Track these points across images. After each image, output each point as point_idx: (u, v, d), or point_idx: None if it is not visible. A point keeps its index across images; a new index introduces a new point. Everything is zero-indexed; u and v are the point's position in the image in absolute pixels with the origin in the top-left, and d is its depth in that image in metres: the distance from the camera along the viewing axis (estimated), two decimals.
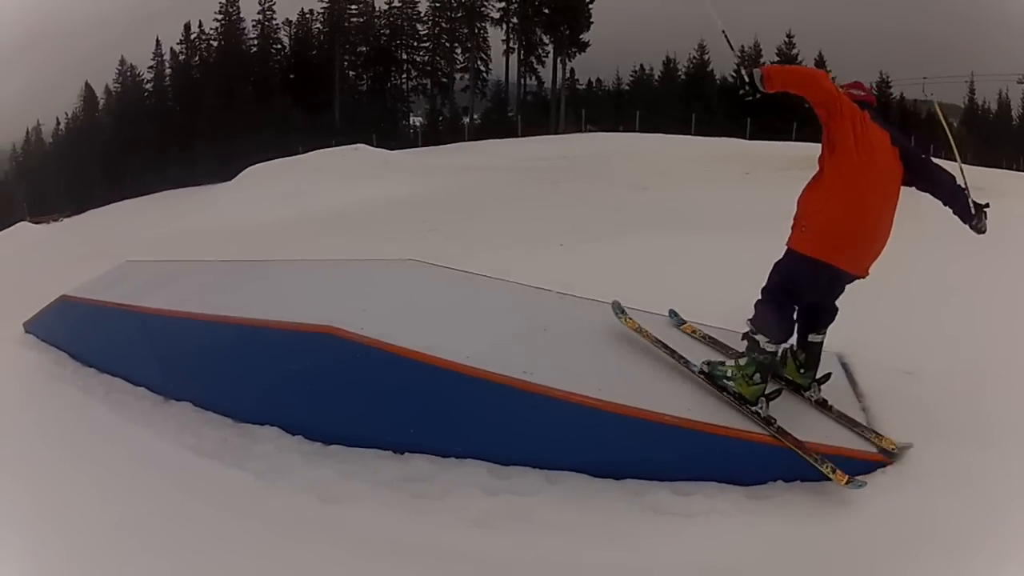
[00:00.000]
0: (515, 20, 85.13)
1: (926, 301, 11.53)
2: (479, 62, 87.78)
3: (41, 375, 12.87)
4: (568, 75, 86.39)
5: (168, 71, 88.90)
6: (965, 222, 7.10)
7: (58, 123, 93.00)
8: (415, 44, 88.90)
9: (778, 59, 77.60)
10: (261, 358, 8.86)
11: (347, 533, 6.80)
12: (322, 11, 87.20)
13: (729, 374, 7.26)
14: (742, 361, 7.19)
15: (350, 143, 48.76)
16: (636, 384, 7.31)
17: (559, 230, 18.79)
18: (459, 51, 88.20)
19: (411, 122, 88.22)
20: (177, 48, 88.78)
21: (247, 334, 8.81)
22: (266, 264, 11.86)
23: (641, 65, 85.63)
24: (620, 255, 13.65)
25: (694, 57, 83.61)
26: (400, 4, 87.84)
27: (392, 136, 68.15)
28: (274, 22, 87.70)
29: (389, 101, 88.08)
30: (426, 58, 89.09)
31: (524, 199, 28.05)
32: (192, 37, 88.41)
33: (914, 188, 7.22)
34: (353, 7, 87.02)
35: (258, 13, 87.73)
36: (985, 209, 7.02)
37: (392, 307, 8.72)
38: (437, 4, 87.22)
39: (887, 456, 6.57)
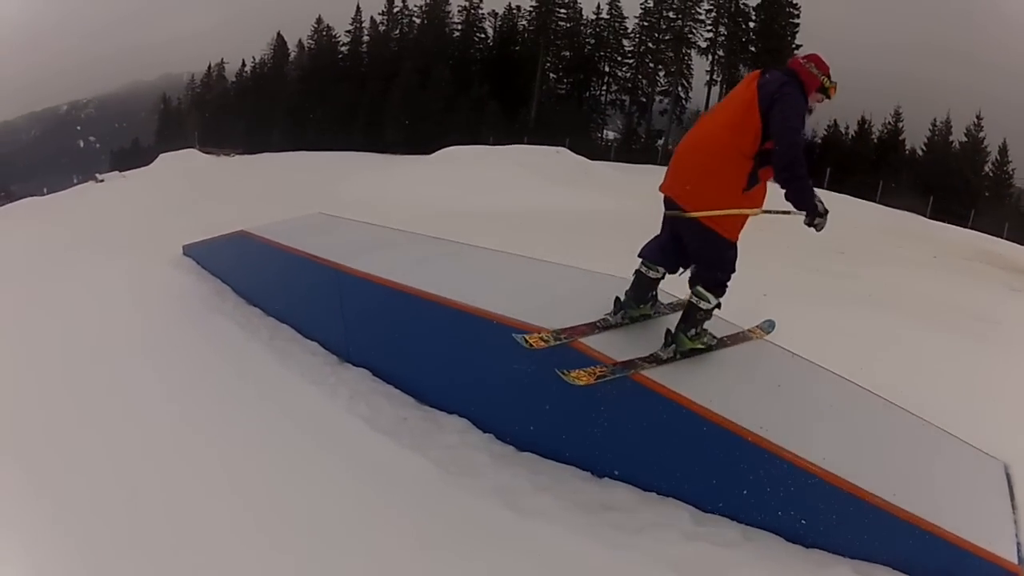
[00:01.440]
0: (720, 53, 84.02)
1: None
2: (680, 88, 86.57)
3: (200, 303, 12.36)
4: None
5: (366, 38, 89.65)
6: (800, 209, 6.78)
7: (244, 65, 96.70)
8: (618, 59, 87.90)
9: (965, 139, 75.65)
10: (475, 348, 8.16)
11: (534, 550, 6.33)
12: (530, 9, 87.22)
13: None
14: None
15: (542, 143, 47.87)
16: (857, 455, 6.71)
17: (761, 279, 17.70)
18: (662, 73, 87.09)
19: (603, 135, 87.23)
20: (378, 18, 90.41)
21: (467, 321, 8.01)
22: (485, 251, 10.62)
23: (835, 120, 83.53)
24: (823, 323, 12.67)
25: (888, 122, 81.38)
26: (608, 17, 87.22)
27: (585, 145, 66.36)
28: (480, 11, 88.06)
29: (585, 110, 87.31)
30: (628, 74, 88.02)
31: None
32: (395, 10, 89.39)
33: None
34: (562, 11, 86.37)
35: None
36: (822, 216, 6.74)
37: (627, 328, 7.79)
38: (645, 23, 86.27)
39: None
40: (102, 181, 67.40)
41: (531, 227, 21.88)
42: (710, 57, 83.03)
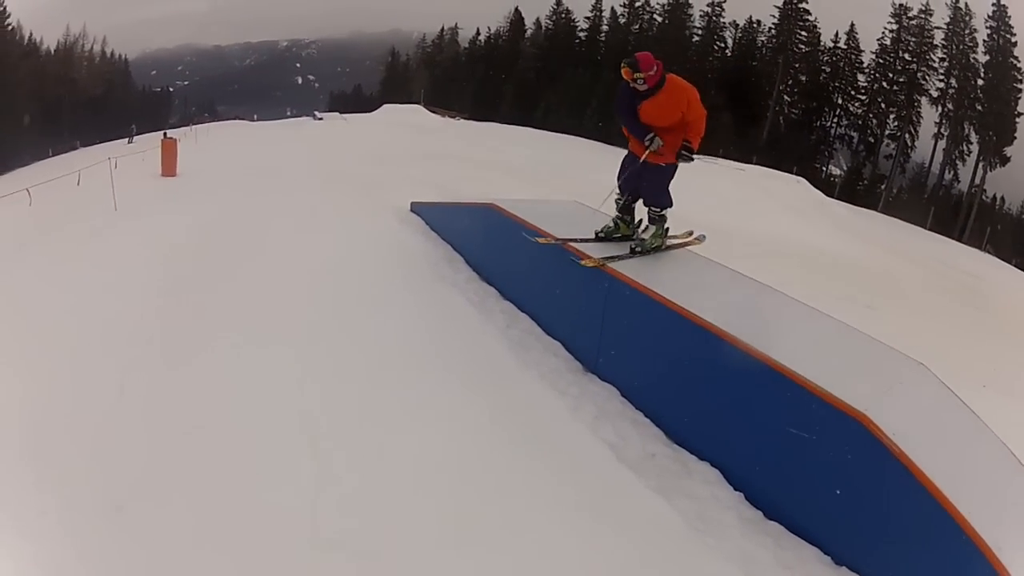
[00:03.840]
0: (950, 106, 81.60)
1: None
2: (908, 135, 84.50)
3: (429, 269, 12.10)
4: (979, 183, 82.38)
5: (605, 27, 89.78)
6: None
7: (478, 33, 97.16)
8: (852, 93, 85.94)
9: None
10: (750, 398, 7.52)
11: None
12: (770, 26, 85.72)
13: (653, 242, 10.03)
14: (653, 229, 10.03)
15: (771, 166, 46.84)
16: None
17: (981, 369, 16.81)
18: (892, 116, 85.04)
19: (828, 169, 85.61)
20: (619, 9, 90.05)
21: (749, 367, 7.34)
22: (767, 288, 9.44)
23: None
24: None
25: None
26: (845, 48, 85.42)
27: (809, 176, 65.50)
28: (721, 19, 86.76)
29: (814, 140, 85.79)
30: (859, 111, 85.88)
31: (940, 311, 25.92)
32: (636, 4, 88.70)
33: None
34: (802, 34, 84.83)
35: (707, 5, 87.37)
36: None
37: (912, 414, 7.15)
38: (881, 60, 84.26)
39: None
40: (320, 119, 69.38)
41: (770, 255, 21.17)
42: (939, 108, 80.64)
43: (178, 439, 7.24)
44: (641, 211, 10.18)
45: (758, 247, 22.40)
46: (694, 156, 9.67)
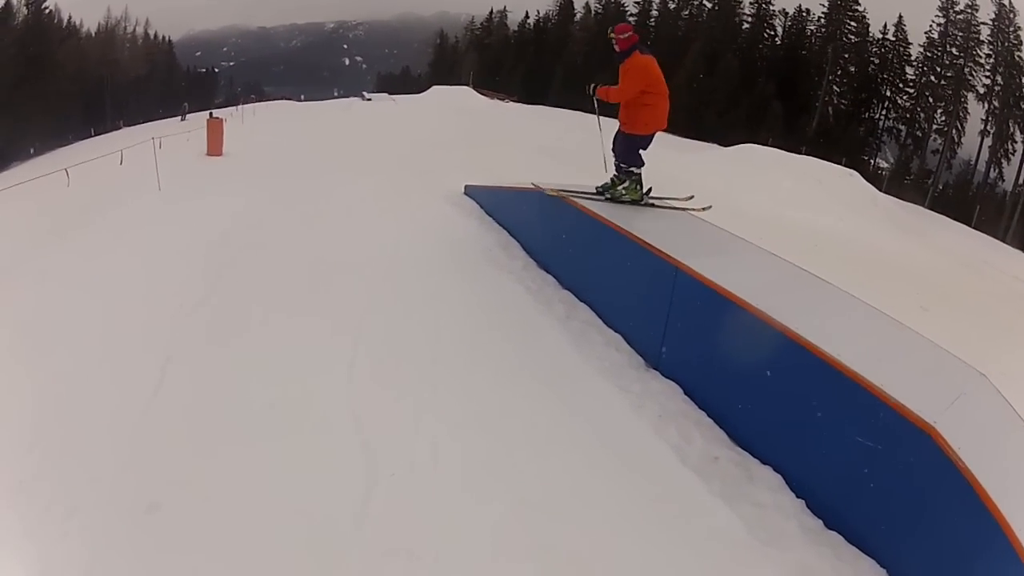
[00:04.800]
0: (996, 103, 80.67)
1: None
2: (955, 131, 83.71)
3: (482, 255, 12.05)
4: (1022, 183, 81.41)
5: (654, 13, 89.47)
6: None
7: (527, 16, 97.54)
8: (900, 85, 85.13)
9: None
10: (820, 403, 7.22)
11: None
12: (820, 16, 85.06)
13: (624, 193, 11.80)
14: (627, 184, 11.80)
15: (820, 157, 46.09)
16: None
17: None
18: (939, 111, 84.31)
19: (875, 161, 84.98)
20: None
21: (822, 372, 7.04)
22: (830, 289, 9.25)
23: None
24: None
25: None
26: (894, 40, 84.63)
27: (857, 168, 64.83)
28: (771, 6, 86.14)
29: (862, 132, 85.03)
30: (907, 104, 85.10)
31: (988, 314, 24.96)
32: None
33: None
34: (851, 23, 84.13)
35: None
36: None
37: (975, 429, 6.85)
38: (929, 54, 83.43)
39: None
40: (369, 100, 70.09)
41: (823, 250, 20.88)
42: (986, 105, 79.75)
43: (218, 437, 7.15)
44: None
45: (812, 241, 22.06)
46: (596, 101, 12.41)
